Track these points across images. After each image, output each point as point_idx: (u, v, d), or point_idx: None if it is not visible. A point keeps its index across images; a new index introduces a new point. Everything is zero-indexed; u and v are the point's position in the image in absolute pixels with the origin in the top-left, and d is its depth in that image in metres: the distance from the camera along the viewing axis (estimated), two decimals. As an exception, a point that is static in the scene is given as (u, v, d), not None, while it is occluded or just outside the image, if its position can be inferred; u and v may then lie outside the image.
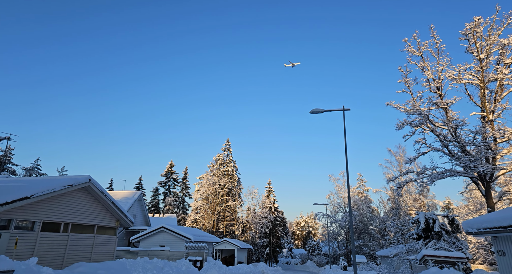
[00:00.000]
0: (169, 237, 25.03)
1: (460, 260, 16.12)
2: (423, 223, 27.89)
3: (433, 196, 56.84)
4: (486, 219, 9.97)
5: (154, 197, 63.16)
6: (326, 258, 64.03)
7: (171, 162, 65.54)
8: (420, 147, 23.78)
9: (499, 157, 20.18)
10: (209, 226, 54.69)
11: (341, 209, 61.45)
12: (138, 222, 29.46)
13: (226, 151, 62.89)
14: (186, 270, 15.21)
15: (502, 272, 9.72)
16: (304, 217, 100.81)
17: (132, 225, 16.80)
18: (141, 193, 29.48)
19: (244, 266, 29.94)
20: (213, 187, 56.82)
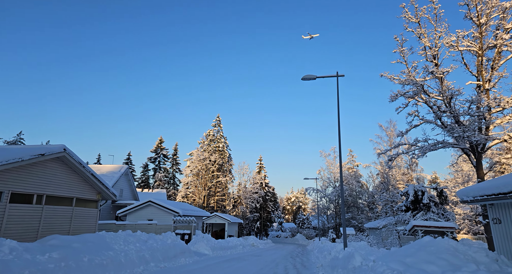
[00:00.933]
0: (157, 211, 24.61)
1: (449, 229, 16.07)
2: (412, 195, 28.06)
3: (421, 170, 57.54)
4: (483, 186, 9.53)
5: (144, 173, 62.63)
6: (315, 231, 65.32)
7: (161, 138, 64.54)
8: (412, 119, 23.35)
9: (492, 127, 19.90)
10: (200, 201, 54.74)
11: (331, 184, 62.03)
12: (126, 196, 28.90)
13: (216, 126, 62.01)
14: (171, 243, 14.74)
15: (496, 240, 9.41)
16: (295, 192, 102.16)
17: (115, 198, 16.16)
18: (127, 167, 28.72)
19: (234, 240, 29.99)
20: (204, 163, 56.38)
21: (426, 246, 9.09)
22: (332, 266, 11.19)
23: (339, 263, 10.18)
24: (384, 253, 10.69)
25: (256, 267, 13.93)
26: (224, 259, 17.42)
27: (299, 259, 19.29)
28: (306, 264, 15.73)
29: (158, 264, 12.25)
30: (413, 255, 8.86)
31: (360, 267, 7.88)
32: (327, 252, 18.07)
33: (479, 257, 8.43)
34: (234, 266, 14.09)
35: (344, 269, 8.89)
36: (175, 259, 14.21)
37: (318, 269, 12.72)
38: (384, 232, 25.10)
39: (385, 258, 9.34)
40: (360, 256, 9.04)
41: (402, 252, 9.41)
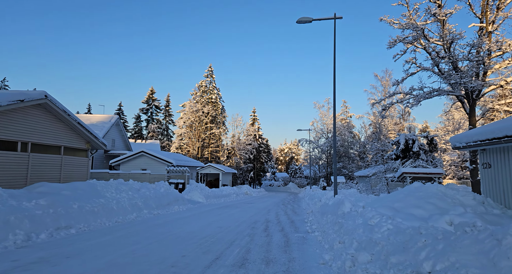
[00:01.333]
0: (150, 161, 24.71)
1: (437, 175, 16.44)
2: (403, 144, 28.48)
3: (413, 119, 58.04)
4: (477, 132, 9.41)
5: (136, 124, 62.24)
6: (307, 180, 67.54)
7: (152, 88, 63.03)
8: (409, 67, 22.82)
9: (490, 72, 19.55)
10: (194, 153, 55.32)
11: (323, 135, 62.70)
12: (118, 146, 28.82)
13: (209, 77, 60.36)
14: (165, 191, 14.89)
15: (485, 184, 9.55)
16: (288, 144, 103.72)
17: (105, 147, 15.95)
18: (118, 117, 28.19)
19: (228, 188, 30.78)
20: (197, 115, 55.87)
21: (415, 191, 9.19)
22: (322, 212, 11.44)
23: (329, 210, 10.37)
24: (373, 199, 10.88)
25: (248, 213, 14.30)
26: (217, 206, 17.87)
27: (290, 206, 19.93)
28: (297, 211, 16.22)
29: (151, 211, 12.44)
30: (402, 200, 8.98)
31: (350, 213, 7.96)
32: (318, 199, 18.60)
33: (466, 200, 8.56)
34: (227, 212, 14.44)
35: (334, 215, 9.02)
36: (169, 206, 14.47)
37: (308, 215, 13.09)
38: (373, 179, 25.84)
39: (374, 204, 9.49)
40: (349, 202, 9.14)
41: (391, 197, 9.54)
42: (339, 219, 8.11)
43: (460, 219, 6.76)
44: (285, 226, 10.22)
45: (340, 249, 5.87)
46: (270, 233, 8.87)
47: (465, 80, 18.11)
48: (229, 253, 6.19)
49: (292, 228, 9.78)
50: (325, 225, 9.18)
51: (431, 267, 2.90)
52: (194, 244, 7.01)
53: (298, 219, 12.34)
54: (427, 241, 3.43)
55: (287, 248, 6.76)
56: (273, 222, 11.24)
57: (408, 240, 3.99)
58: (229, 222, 11.07)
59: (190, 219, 11.64)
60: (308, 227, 9.90)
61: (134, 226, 9.38)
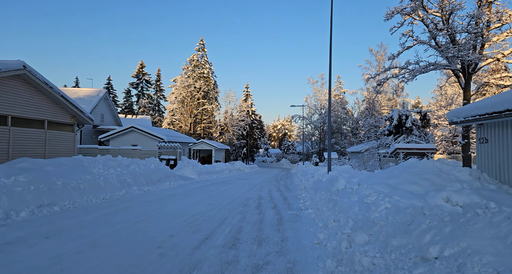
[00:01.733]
0: (141, 137, 24.20)
1: (429, 151, 16.37)
2: (396, 120, 28.35)
3: (406, 95, 57.92)
4: (475, 106, 9.10)
5: (127, 99, 60.89)
6: (299, 156, 67.93)
7: (141, 62, 61.16)
8: (406, 41, 22.23)
9: (487, 45, 19.16)
10: (186, 129, 54.73)
11: (317, 111, 62.35)
12: (108, 121, 28.11)
13: (200, 51, 58.60)
14: (155, 167, 14.55)
15: (480, 159, 9.39)
16: (281, 120, 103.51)
17: (92, 122, 15.36)
18: (106, 91, 27.26)
19: (221, 165, 30.63)
20: (188, 90, 54.75)
21: (410, 167, 8.99)
22: (315, 189, 11.27)
23: (323, 186, 10.17)
24: (367, 176, 10.70)
25: (240, 190, 14.12)
26: (209, 182, 17.69)
27: (283, 182, 19.87)
28: (290, 187, 16.12)
29: (141, 187, 12.15)
30: (397, 176, 8.78)
31: (344, 190, 7.72)
32: (310, 175, 18.53)
33: (462, 176, 8.40)
34: (219, 189, 14.24)
35: (328, 192, 8.81)
36: (160, 183, 14.20)
37: (301, 191, 12.95)
38: (366, 155, 25.86)
39: (369, 180, 9.29)
40: (344, 179, 8.91)
41: (386, 174, 9.35)
42: (333, 196, 7.89)
43: (458, 196, 6.58)
44: (278, 203, 10.04)
45: (335, 228, 5.65)
46: (262, 210, 8.67)
47: (462, 53, 17.71)
48: (220, 232, 5.94)
49: (285, 205, 9.61)
50: (319, 202, 9.00)
51: (438, 252, 2.64)
52: (183, 223, 6.75)
53: (291, 195, 12.20)
54: (432, 222, 3.17)
55: (280, 227, 6.55)
56: (265, 199, 11.06)
57: (409, 220, 3.72)
58: (221, 199, 10.86)
59: (181, 195, 11.40)
60: (301, 204, 9.73)
61: (122, 203, 9.09)
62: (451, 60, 21.14)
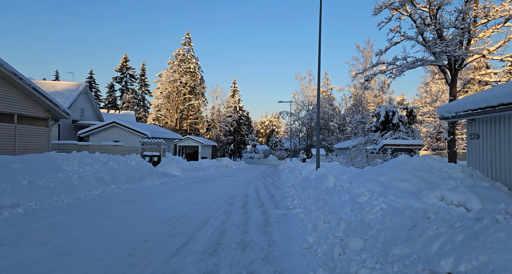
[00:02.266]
0: (123, 133, 23.32)
1: (417, 147, 16.24)
2: (383, 116, 28.33)
3: (392, 91, 58.43)
4: (467, 101, 8.83)
5: (110, 94, 59.24)
6: (287, 152, 67.80)
7: (125, 56, 59.49)
8: (393, 36, 22.19)
9: (474, 42, 19.18)
10: (172, 125, 53.67)
11: (304, 108, 62.17)
12: (88, 116, 27.03)
13: (186, 45, 57.39)
14: (136, 164, 13.86)
15: (472, 155, 9.15)
16: (269, 116, 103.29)
17: (68, 116, 14.52)
18: (87, 85, 26.14)
19: (207, 161, 30.00)
20: (174, 85, 53.58)
21: (401, 164, 8.66)
22: (303, 187, 10.87)
23: (311, 184, 9.77)
24: (357, 173, 10.35)
25: (226, 187, 13.61)
26: (194, 180, 17.11)
27: (270, 179, 19.45)
28: (277, 184, 15.71)
29: (120, 186, 11.48)
30: (387, 173, 8.44)
31: (334, 188, 7.31)
32: (298, 172, 18.17)
33: (454, 173, 8.12)
34: (204, 187, 13.69)
35: (316, 190, 8.40)
36: (141, 181, 13.54)
37: (289, 189, 12.54)
38: (353, 151, 25.71)
39: (359, 178, 8.93)
40: (333, 176, 8.52)
41: (376, 171, 9.01)
42: (322, 194, 7.48)
43: (452, 194, 6.25)
44: (264, 202, 9.58)
45: (325, 230, 5.22)
46: (248, 209, 8.19)
47: (450, 49, 17.63)
48: (201, 236, 5.43)
49: (272, 204, 9.15)
50: (307, 200, 8.59)
51: (452, 266, 2.22)
52: (161, 225, 6.21)
53: (278, 193, 11.77)
54: (440, 229, 2.76)
55: (267, 228, 6.08)
56: (252, 197, 10.59)
57: (409, 224, 3.31)
58: (205, 197, 10.32)
59: (162, 194, 10.81)
60: (289, 202, 9.29)
61: (97, 203, 8.45)
62: (438, 56, 21.14)
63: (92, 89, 57.20)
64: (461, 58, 19.64)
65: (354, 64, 59.02)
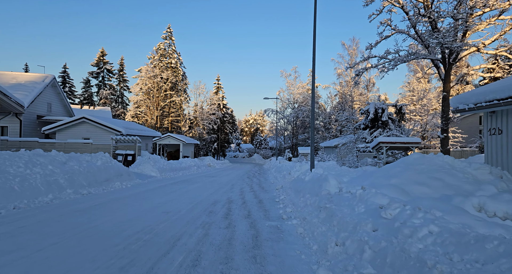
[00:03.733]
0: (94, 129, 21.22)
1: (414, 145, 15.11)
2: (373, 113, 27.32)
3: (377, 89, 58.15)
4: (491, 89, 7.54)
5: (86, 89, 56.15)
6: (272, 151, 66.52)
7: (102, 50, 56.53)
8: (383, 30, 21.12)
9: (469, 34, 18.26)
10: (152, 122, 51.30)
11: (290, 105, 61.04)
12: (57, 112, 24.68)
13: (167, 39, 55.04)
14: (103, 165, 12.02)
15: (491, 153, 7.89)
16: (253, 115, 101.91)
17: (22, 109, 12.52)
18: (54, 77, 23.78)
19: (188, 160, 28.19)
20: (155, 80, 51.20)
21: (415, 164, 7.29)
22: (296, 190, 9.38)
23: (306, 187, 8.28)
24: (359, 174, 8.95)
25: (207, 190, 11.98)
26: (172, 181, 15.37)
27: (256, 179, 17.91)
28: (264, 186, 14.18)
29: (79, 190, 9.65)
30: (399, 175, 7.05)
31: (340, 194, 5.83)
32: (286, 172, 16.74)
33: (481, 174, 6.80)
34: (182, 190, 12.01)
35: (315, 195, 6.90)
36: (108, 183, 11.71)
37: (279, 192, 11.04)
38: (343, 150, 24.52)
39: (364, 181, 7.51)
40: (334, 179, 7.05)
41: (383, 172, 7.60)
42: (325, 202, 5.98)
43: (495, 204, 4.87)
44: (252, 209, 8.01)
45: (340, 258, 3.71)
46: (232, 221, 6.61)
47: (447, 40, 16.61)
48: (164, 268, 3.82)
49: (261, 212, 7.60)
50: (304, 208, 7.08)
51: None
52: (113, 248, 4.54)
53: (267, 197, 10.23)
54: None
55: (258, 251, 4.52)
56: (237, 203, 9.02)
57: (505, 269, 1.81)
58: (181, 203, 8.67)
59: (130, 200, 9.07)
60: (281, 210, 7.77)
61: (40, 214, 6.66)
62: (431, 50, 20.19)
63: (66, 84, 54.04)
64: (455, 52, 18.76)
65: (339, 62, 58.21)
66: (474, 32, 17.91)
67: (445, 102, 19.98)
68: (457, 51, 18.54)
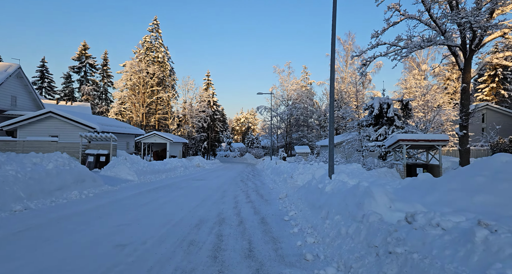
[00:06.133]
0: (63, 126, 18.31)
1: (441, 142, 12.74)
2: (377, 109, 25.04)
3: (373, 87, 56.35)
4: None
5: (66, 85, 52.57)
6: (264, 150, 64.04)
7: (84, 43, 53.06)
8: (391, 15, 18.80)
9: (496, 14, 15.97)
10: (138, 120, 48.19)
11: (283, 102, 58.59)
12: (24, 106, 21.66)
13: (154, 32, 51.90)
14: (55, 168, 9.28)
15: None
16: (244, 113, 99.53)
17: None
18: (19, 67, 20.73)
19: (174, 161, 25.40)
20: (140, 75, 48.03)
21: (508, 172, 4.78)
22: (310, 204, 6.82)
23: (331, 203, 5.72)
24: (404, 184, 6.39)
25: (192, 201, 9.35)
26: (151, 187, 12.67)
27: (251, 183, 15.29)
28: (263, 192, 11.58)
29: (10, 205, 6.92)
30: (487, 189, 4.55)
31: (414, 228, 3.29)
32: (287, 175, 14.19)
33: None
34: (159, 200, 9.36)
35: (352, 219, 4.40)
36: (62, 192, 8.97)
37: (284, 203, 8.45)
38: (347, 149, 22.12)
39: (423, 195, 4.98)
40: (385, 195, 4.52)
41: (454, 183, 5.07)
42: (389, 245, 3.41)
43: None
44: (254, 238, 5.41)
45: None
46: (225, 267, 4.01)
47: (478, 19, 14.26)
48: None
49: (270, 244, 5.01)
50: (336, 240, 4.52)
51: None
52: None
53: (271, 212, 7.64)
54: None
55: None
56: (231, 223, 6.42)
57: None
58: (150, 226, 6.04)
59: (78, 219, 6.39)
60: (299, 239, 5.20)
61: None
62: (448, 36, 17.98)
63: (45, 79, 50.47)
64: (478, 36, 16.53)
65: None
66: (502, 13, 15.66)
67: (464, 94, 17.74)
68: (481, 35, 16.30)
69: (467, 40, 17.19)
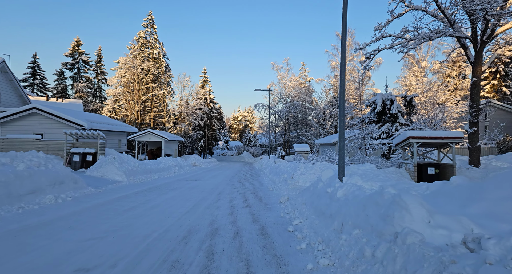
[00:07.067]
0: (48, 123, 17.19)
1: (455, 140, 11.77)
2: (380, 105, 24.07)
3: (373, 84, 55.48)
4: None
5: (59, 82, 51.20)
6: (262, 148, 63.04)
7: (77, 39, 51.69)
8: (395, 7, 17.76)
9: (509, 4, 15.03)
10: (133, 118, 46.99)
11: (282, 100, 57.54)
12: (8, 103, 20.48)
13: (149, 27, 50.60)
14: (27, 170, 8.27)
15: None
16: (242, 111, 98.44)
17: None
18: (3, 60, 19.54)
19: (169, 160, 24.33)
20: (135, 72, 46.78)
21: None
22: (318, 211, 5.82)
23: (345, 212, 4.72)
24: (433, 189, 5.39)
25: (183, 206, 8.31)
26: (140, 188, 11.61)
27: (249, 184, 14.26)
28: (262, 195, 10.55)
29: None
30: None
31: (485, 263, 2.21)
32: (288, 175, 13.18)
33: None
34: (146, 204, 8.31)
35: (378, 237, 3.48)
36: (35, 197, 7.90)
37: (286, 207, 7.42)
38: (350, 147, 21.13)
39: (465, 206, 3.98)
40: (422, 206, 3.50)
41: (503, 190, 4.06)
42: None
43: None
44: (253, 256, 4.36)
45: None
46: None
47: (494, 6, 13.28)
48: None
49: (274, 268, 3.95)
50: (358, 264, 3.51)
51: None
52: None
53: (272, 220, 6.61)
54: None
55: None
56: (225, 235, 5.39)
57: None
58: (128, 239, 4.99)
59: (42, 232, 5.33)
60: (310, 258, 4.17)
61: None
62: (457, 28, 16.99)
63: (37, 76, 49.11)
64: (491, 27, 15.57)
65: (333, 54, 55.12)
66: (516, 3, 14.68)
67: (475, 89, 16.78)
68: (494, 26, 15.33)
69: (478, 31, 16.22)
